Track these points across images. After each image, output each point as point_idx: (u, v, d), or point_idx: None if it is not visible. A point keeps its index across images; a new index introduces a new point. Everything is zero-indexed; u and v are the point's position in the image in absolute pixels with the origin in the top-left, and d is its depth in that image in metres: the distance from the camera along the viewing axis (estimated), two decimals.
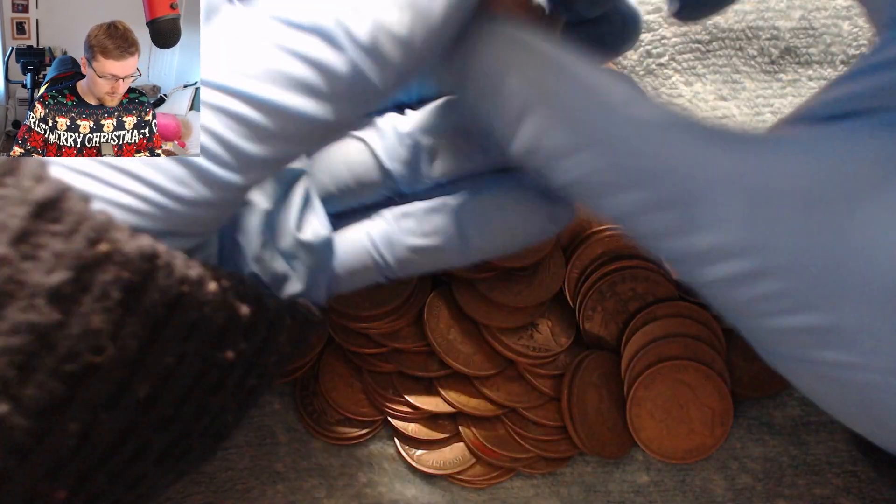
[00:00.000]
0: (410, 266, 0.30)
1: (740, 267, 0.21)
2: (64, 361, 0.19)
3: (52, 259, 0.18)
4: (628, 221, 0.23)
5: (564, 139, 0.22)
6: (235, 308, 0.22)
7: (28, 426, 0.19)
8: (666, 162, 0.21)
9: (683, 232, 0.21)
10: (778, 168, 0.21)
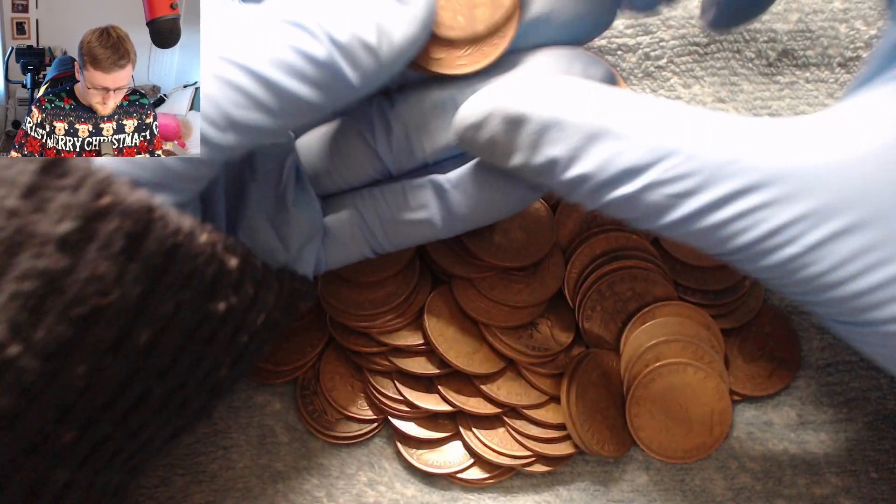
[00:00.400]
0: (399, 239, 0.33)
1: (829, 228, 0.23)
2: (72, 305, 0.20)
3: (59, 210, 0.20)
4: (695, 222, 0.24)
5: (638, 157, 0.25)
6: (224, 260, 0.24)
7: (38, 367, 0.20)
8: (735, 153, 0.24)
9: (768, 208, 0.23)
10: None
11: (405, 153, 0.31)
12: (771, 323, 0.39)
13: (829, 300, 0.24)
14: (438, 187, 0.31)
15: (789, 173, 0.23)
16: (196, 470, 0.37)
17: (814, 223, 0.23)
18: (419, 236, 0.33)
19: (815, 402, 0.39)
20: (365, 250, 0.33)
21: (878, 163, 0.23)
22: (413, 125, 0.31)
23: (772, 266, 0.24)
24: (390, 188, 0.32)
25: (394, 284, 0.36)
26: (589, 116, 0.25)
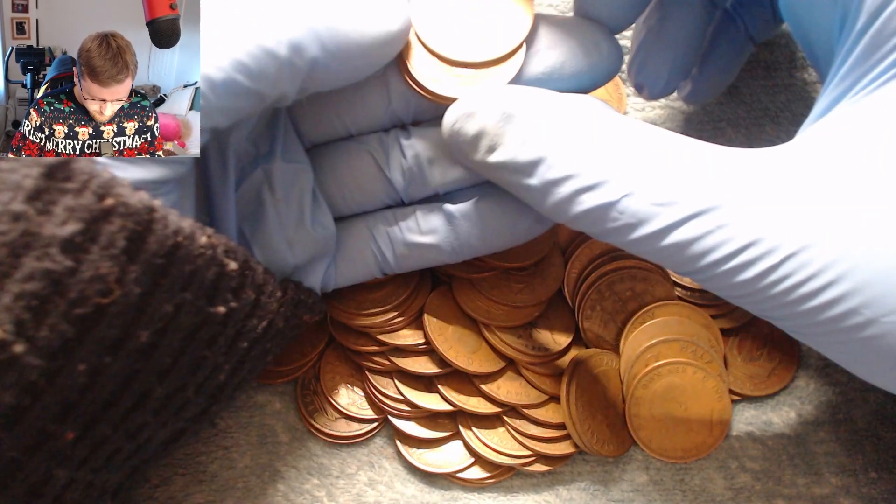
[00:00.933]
0: (407, 262, 0.34)
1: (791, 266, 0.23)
2: (75, 305, 0.20)
3: (64, 213, 0.20)
4: (660, 239, 0.25)
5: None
6: (224, 263, 0.25)
7: (41, 366, 0.21)
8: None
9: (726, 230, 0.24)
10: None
11: (417, 182, 0.33)
12: (770, 323, 0.39)
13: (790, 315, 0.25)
14: (448, 215, 0.32)
15: (744, 198, 0.24)
16: (196, 469, 0.37)
17: (769, 248, 0.23)
18: (427, 260, 0.34)
19: (814, 402, 0.39)
20: (374, 271, 0.35)
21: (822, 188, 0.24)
22: (426, 157, 0.32)
23: (736, 285, 0.25)
24: (402, 212, 0.33)
25: (394, 284, 0.36)
26: (578, 132, 0.26)
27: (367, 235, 0.34)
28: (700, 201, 0.24)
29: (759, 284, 0.24)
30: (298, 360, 0.38)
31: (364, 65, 0.28)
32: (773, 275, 0.23)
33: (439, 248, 0.33)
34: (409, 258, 0.34)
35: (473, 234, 0.32)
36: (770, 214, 0.23)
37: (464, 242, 0.33)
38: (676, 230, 0.24)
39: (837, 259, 0.23)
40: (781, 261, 0.23)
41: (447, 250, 0.33)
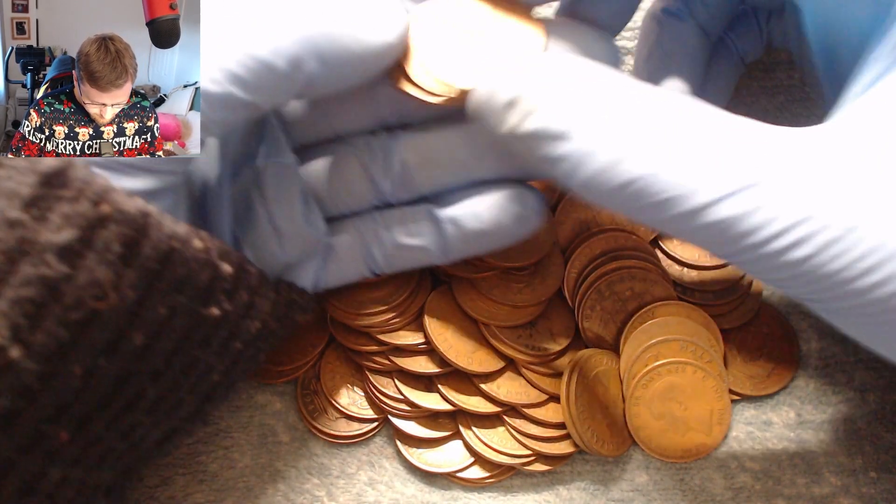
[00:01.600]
0: (396, 262, 0.34)
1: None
2: (70, 310, 0.21)
3: (60, 220, 0.20)
4: (698, 217, 0.24)
5: None
6: (218, 266, 0.25)
7: (37, 369, 0.21)
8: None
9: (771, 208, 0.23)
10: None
11: (403, 186, 0.33)
12: (770, 322, 0.39)
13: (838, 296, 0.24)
14: (434, 218, 0.33)
15: (788, 176, 0.23)
16: (197, 469, 0.37)
17: (818, 227, 0.23)
18: (417, 261, 0.34)
19: (814, 402, 0.39)
20: (364, 271, 0.35)
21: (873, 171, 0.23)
22: (411, 163, 0.32)
23: (783, 265, 0.24)
24: (390, 214, 0.34)
25: (394, 284, 0.36)
26: (617, 102, 0.25)
27: (357, 236, 0.34)
28: (744, 176, 0.23)
29: (809, 264, 0.23)
30: (298, 360, 0.38)
31: (361, 73, 0.28)
32: (824, 254, 0.23)
33: (427, 250, 0.34)
34: (399, 259, 0.34)
35: (459, 237, 0.33)
36: (817, 192, 0.23)
37: (450, 245, 0.33)
38: (718, 205, 0.23)
39: (888, 237, 0.22)
40: (833, 239, 0.22)
41: (435, 252, 0.34)
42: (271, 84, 0.26)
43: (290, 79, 0.26)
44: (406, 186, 0.33)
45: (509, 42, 0.29)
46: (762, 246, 0.23)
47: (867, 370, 0.39)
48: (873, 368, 0.39)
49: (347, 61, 0.27)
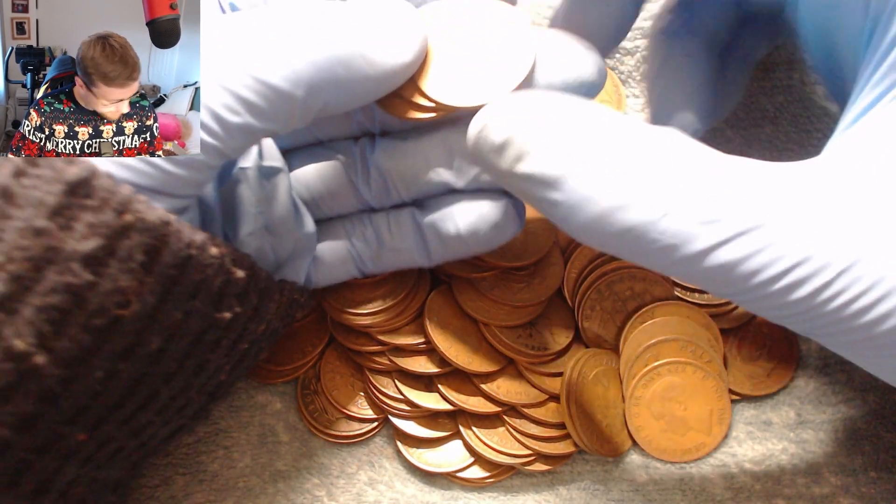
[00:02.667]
0: (383, 263, 0.35)
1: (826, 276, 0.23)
2: (94, 316, 0.21)
3: (85, 229, 0.21)
4: (702, 261, 0.24)
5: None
6: (232, 272, 0.26)
7: (60, 374, 0.21)
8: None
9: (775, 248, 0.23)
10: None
11: (382, 192, 0.33)
12: (769, 323, 0.39)
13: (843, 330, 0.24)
14: (417, 224, 0.34)
15: (790, 215, 0.23)
16: (197, 469, 0.37)
17: (820, 265, 0.23)
18: (403, 262, 0.35)
19: (814, 402, 0.39)
20: (352, 271, 0.35)
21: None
22: (389, 171, 0.33)
23: (787, 304, 0.23)
24: (376, 217, 0.34)
25: (393, 283, 0.37)
26: (611, 146, 0.24)
27: (344, 238, 0.35)
28: (743, 220, 0.23)
29: (812, 302, 0.23)
30: (299, 360, 0.38)
31: (375, 94, 0.28)
32: (826, 292, 0.23)
33: (411, 253, 0.34)
34: (385, 260, 0.35)
35: (438, 242, 0.33)
36: (815, 231, 0.23)
37: (432, 249, 0.34)
38: (721, 249, 0.23)
39: (888, 272, 0.22)
40: (834, 277, 0.22)
41: (418, 255, 0.34)
42: (287, 113, 0.26)
43: (305, 106, 0.26)
44: (386, 192, 0.33)
45: (498, 56, 0.29)
46: (764, 287, 0.23)
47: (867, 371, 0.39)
48: None
49: (364, 84, 0.27)
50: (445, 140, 0.32)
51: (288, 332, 0.38)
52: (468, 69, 0.29)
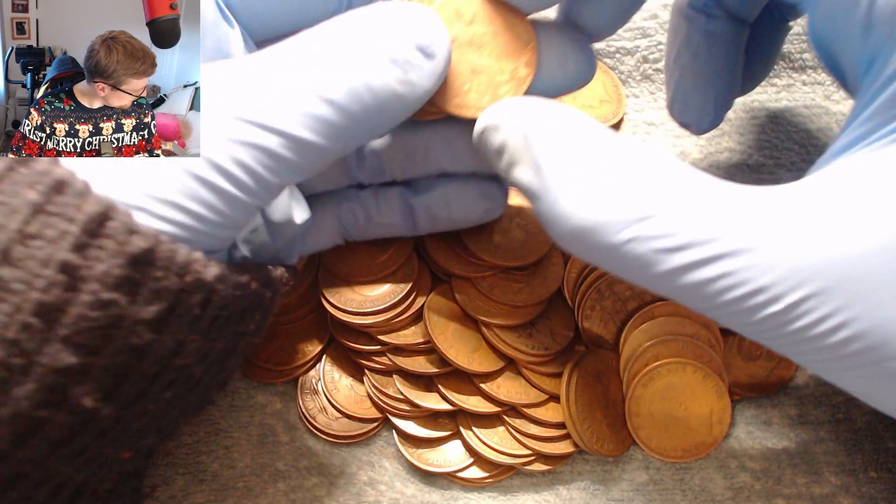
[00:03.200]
0: (368, 235, 0.36)
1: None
2: (152, 366, 0.23)
3: (149, 295, 0.22)
4: (678, 278, 0.24)
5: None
6: (262, 294, 0.27)
7: (115, 415, 0.23)
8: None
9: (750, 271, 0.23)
10: None
11: (376, 174, 0.34)
12: None
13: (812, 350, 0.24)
14: (407, 203, 0.35)
15: (767, 243, 0.23)
16: (197, 469, 0.37)
17: (791, 287, 0.23)
18: (386, 234, 0.37)
19: (814, 402, 0.39)
20: (337, 240, 0.37)
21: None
22: (385, 155, 0.33)
23: (755, 323, 0.24)
24: (364, 193, 0.35)
25: (393, 283, 0.37)
26: (593, 164, 0.25)
27: (332, 210, 0.36)
28: (722, 242, 0.23)
29: (778, 321, 0.23)
30: (298, 360, 0.38)
31: (397, 123, 0.28)
32: (791, 313, 0.23)
33: (397, 227, 0.36)
34: (371, 232, 0.36)
35: (428, 220, 0.35)
36: (786, 255, 0.23)
37: (419, 225, 0.35)
38: (696, 270, 0.24)
39: (852, 299, 0.23)
40: (799, 300, 0.23)
41: (403, 229, 0.36)
42: (324, 163, 0.26)
43: (339, 154, 0.26)
44: (379, 174, 0.35)
45: (499, 52, 0.29)
46: (736, 304, 0.24)
47: None
48: None
49: (393, 121, 0.27)
50: (446, 131, 0.33)
51: (288, 332, 0.38)
52: (473, 75, 0.29)
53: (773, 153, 0.41)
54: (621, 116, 0.41)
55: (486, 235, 0.37)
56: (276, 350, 0.38)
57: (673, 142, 0.41)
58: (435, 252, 0.37)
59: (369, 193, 0.35)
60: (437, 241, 0.37)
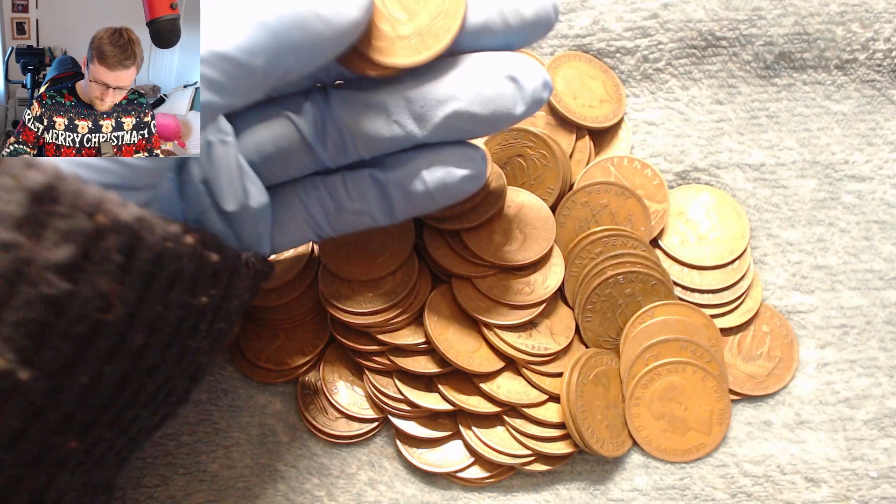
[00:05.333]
0: (342, 227, 0.33)
1: None
2: (75, 325, 0.21)
3: (56, 237, 0.20)
4: None
5: None
6: (206, 257, 0.25)
7: (45, 387, 0.21)
8: None
9: None
10: None
11: (340, 150, 0.32)
12: (769, 322, 0.39)
13: None
14: (378, 182, 0.32)
15: None
16: (197, 469, 0.37)
17: None
18: (362, 224, 0.33)
19: (813, 402, 0.39)
20: (309, 235, 0.34)
21: None
22: (347, 125, 0.31)
23: None
24: (331, 179, 0.33)
25: (393, 283, 0.37)
26: None
27: (298, 202, 0.33)
28: None
29: None
30: (298, 360, 0.38)
31: (330, 54, 0.27)
32: None
33: (371, 214, 0.33)
34: (343, 223, 0.33)
35: (404, 199, 0.32)
36: None
37: (396, 208, 0.33)
38: None
39: None
40: None
41: (379, 215, 0.33)
42: (250, 84, 0.25)
43: (267, 76, 0.25)
44: (344, 150, 0.32)
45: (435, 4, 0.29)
46: None
47: (868, 369, 0.39)
48: (873, 367, 0.39)
49: (320, 46, 0.26)
50: (405, 87, 0.30)
51: (288, 332, 0.38)
52: (412, 25, 0.29)
53: (773, 153, 0.41)
54: (621, 116, 0.41)
55: (486, 235, 0.37)
56: (276, 350, 0.38)
57: (673, 142, 0.41)
58: (435, 252, 0.37)
59: (337, 178, 0.33)
60: (437, 241, 0.37)
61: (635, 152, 0.42)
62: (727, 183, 0.41)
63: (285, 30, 0.25)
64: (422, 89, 0.30)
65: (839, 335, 0.39)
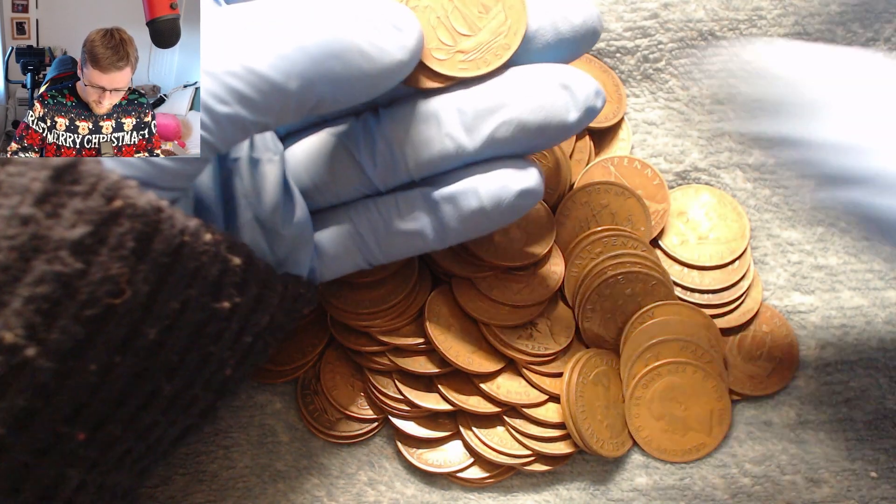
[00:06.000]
0: (392, 250, 0.33)
1: None
2: (85, 307, 0.21)
3: (72, 216, 0.20)
4: None
5: None
6: (228, 259, 0.25)
7: (52, 368, 0.21)
8: None
9: None
10: None
11: (389, 168, 0.32)
12: (769, 322, 0.39)
13: None
14: (430, 199, 0.32)
15: None
16: (197, 469, 0.37)
17: None
18: (413, 248, 0.33)
19: (814, 402, 0.39)
20: (359, 262, 0.34)
21: None
22: (397, 141, 0.31)
23: None
24: (383, 200, 0.32)
25: (393, 283, 0.36)
26: None
27: (349, 226, 0.33)
28: None
29: None
30: (298, 360, 0.38)
31: (370, 92, 0.27)
32: None
33: (423, 235, 0.32)
34: (394, 247, 0.33)
35: (457, 218, 0.31)
36: None
37: (448, 228, 0.32)
38: None
39: None
40: None
41: (431, 236, 0.32)
42: (282, 105, 0.25)
43: (301, 100, 0.26)
44: (393, 167, 0.32)
45: (493, 15, 0.30)
46: None
47: (868, 369, 0.39)
48: (873, 368, 0.39)
49: (360, 81, 0.26)
50: (455, 99, 0.30)
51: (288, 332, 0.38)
52: (473, 41, 0.29)
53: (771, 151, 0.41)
54: (621, 116, 0.41)
55: (487, 235, 0.36)
56: (277, 350, 0.38)
57: (673, 141, 0.41)
58: (435, 252, 0.37)
59: (388, 197, 0.32)
60: None
61: (635, 152, 0.42)
62: (727, 183, 0.41)
63: (324, 58, 0.25)
64: (473, 99, 0.30)
65: (839, 335, 0.39)
